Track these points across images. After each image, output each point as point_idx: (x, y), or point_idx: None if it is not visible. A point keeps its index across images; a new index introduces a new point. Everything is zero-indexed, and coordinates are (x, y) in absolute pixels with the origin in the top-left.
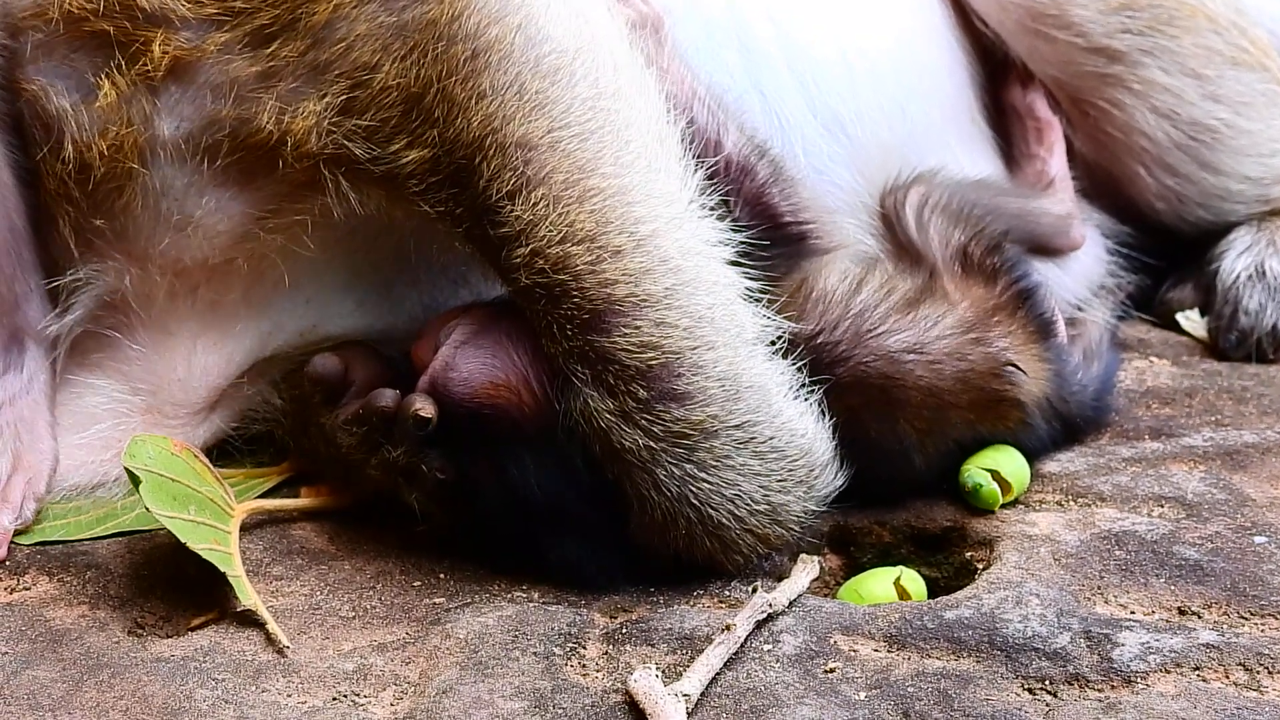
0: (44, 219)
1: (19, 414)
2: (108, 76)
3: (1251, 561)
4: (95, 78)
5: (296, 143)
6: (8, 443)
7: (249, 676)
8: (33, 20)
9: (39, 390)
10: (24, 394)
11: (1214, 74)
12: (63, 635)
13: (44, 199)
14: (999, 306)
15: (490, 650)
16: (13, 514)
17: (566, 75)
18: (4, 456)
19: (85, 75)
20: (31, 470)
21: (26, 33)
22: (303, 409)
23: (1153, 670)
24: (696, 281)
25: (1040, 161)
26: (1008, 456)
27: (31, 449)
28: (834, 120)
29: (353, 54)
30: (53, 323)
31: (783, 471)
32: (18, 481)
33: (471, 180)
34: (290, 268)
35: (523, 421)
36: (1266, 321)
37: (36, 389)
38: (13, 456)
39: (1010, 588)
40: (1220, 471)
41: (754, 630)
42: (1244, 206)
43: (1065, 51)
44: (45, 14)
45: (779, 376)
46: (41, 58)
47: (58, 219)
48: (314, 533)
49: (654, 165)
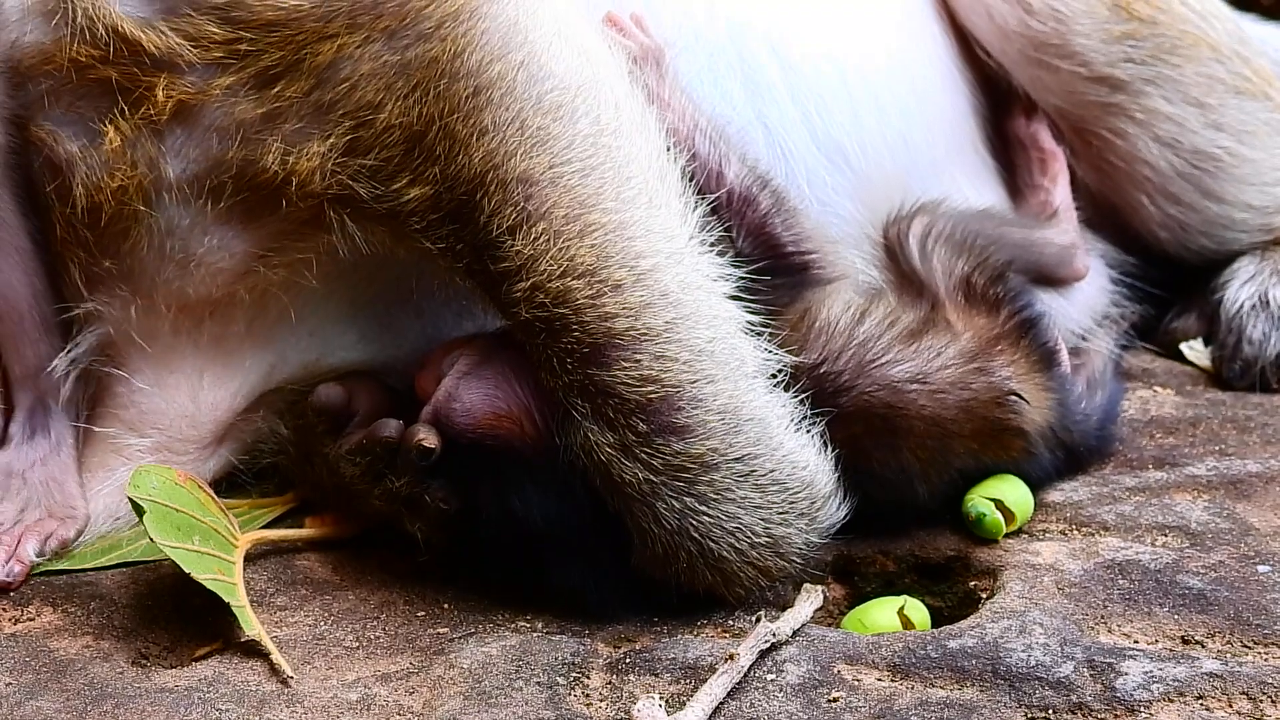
0: (58, 271)
1: (50, 474)
2: (111, 122)
3: (1255, 591)
4: (100, 124)
5: (301, 183)
6: (41, 498)
7: (253, 707)
8: (41, 68)
9: (67, 453)
10: (54, 455)
11: (1217, 103)
12: (67, 666)
13: (55, 250)
14: (1002, 336)
15: (494, 680)
16: (38, 545)
17: (568, 112)
18: (38, 508)
19: (90, 122)
20: (61, 521)
21: (36, 80)
22: (306, 439)
23: (1156, 699)
24: (696, 315)
25: (1044, 192)
26: (1011, 486)
27: (63, 506)
28: (837, 151)
29: (357, 93)
30: (60, 361)
31: (784, 504)
32: (49, 525)
33: (473, 216)
34: (293, 301)
35: (525, 452)
36: (1270, 351)
37: (65, 452)
38: (46, 509)
39: (1014, 617)
40: (1224, 501)
41: (757, 660)
42: (1247, 235)
43: (1068, 81)
44: (53, 61)
45: (780, 409)
46: (50, 105)
47: (69, 267)
48: (318, 563)
49: (655, 201)
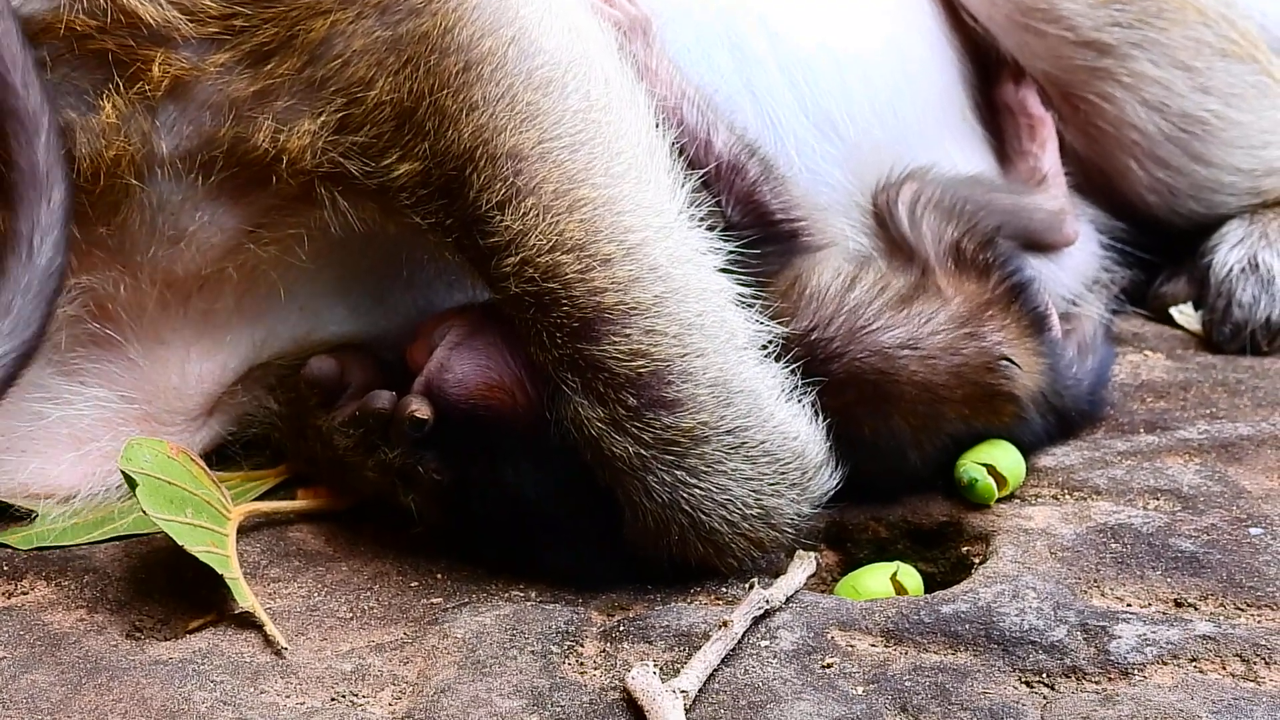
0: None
1: None
2: (108, 96)
3: (1247, 553)
4: (96, 97)
5: (292, 160)
6: None
7: (247, 678)
8: (41, 36)
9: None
10: None
11: (1203, 66)
12: (61, 639)
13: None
14: (992, 301)
15: (488, 649)
16: None
17: (558, 87)
18: None
19: (85, 95)
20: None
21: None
22: (299, 412)
23: (1150, 662)
24: (685, 289)
25: (1033, 158)
26: (1003, 451)
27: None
28: (826, 120)
29: (348, 70)
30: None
31: (775, 475)
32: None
33: (462, 191)
34: (283, 276)
35: (517, 423)
36: (1260, 314)
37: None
38: None
39: (1006, 581)
40: (1215, 464)
41: (751, 626)
42: (1235, 199)
43: (1055, 46)
44: (53, 29)
45: (770, 380)
46: (50, 71)
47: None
48: (311, 534)
49: (644, 176)
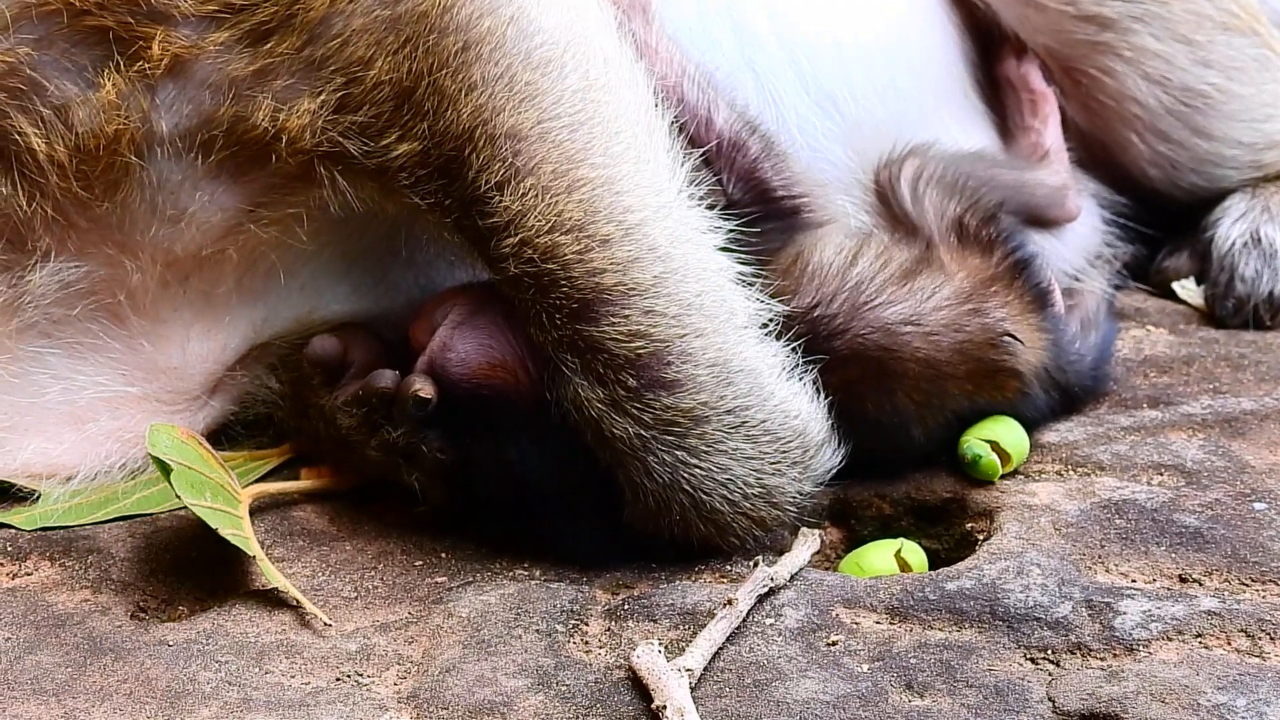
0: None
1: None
2: (107, 74)
3: (1251, 528)
4: (96, 74)
5: (291, 139)
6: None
7: (252, 658)
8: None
9: None
10: None
11: (1204, 39)
12: (65, 620)
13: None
14: (995, 277)
15: (493, 628)
16: None
17: (557, 67)
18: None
19: (85, 71)
20: None
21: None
22: (302, 391)
23: (1155, 638)
24: (685, 269)
25: (1035, 133)
26: (1006, 427)
27: None
28: (827, 97)
29: (348, 49)
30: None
31: (776, 454)
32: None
33: (461, 172)
34: (283, 255)
35: (520, 402)
36: (1263, 288)
37: None
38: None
39: (1011, 558)
40: (1219, 439)
41: (756, 604)
42: (1237, 172)
43: (1056, 20)
44: (49, 5)
45: (771, 359)
46: (44, 49)
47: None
48: (315, 514)
49: (643, 156)
